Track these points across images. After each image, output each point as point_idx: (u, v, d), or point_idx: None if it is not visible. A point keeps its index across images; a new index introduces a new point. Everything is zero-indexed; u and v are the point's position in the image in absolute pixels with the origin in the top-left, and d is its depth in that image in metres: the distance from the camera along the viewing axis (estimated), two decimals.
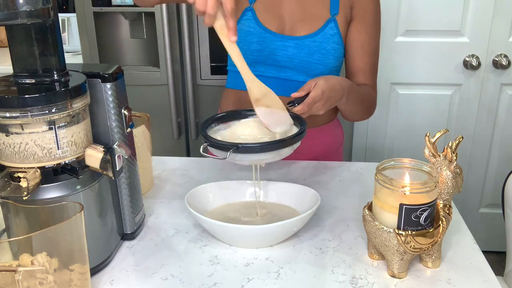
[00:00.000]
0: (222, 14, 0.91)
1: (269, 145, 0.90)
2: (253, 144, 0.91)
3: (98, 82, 0.82)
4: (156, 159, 1.27)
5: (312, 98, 1.01)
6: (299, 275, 0.83)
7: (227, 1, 0.89)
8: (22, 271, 0.65)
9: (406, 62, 2.14)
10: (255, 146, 0.90)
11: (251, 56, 1.22)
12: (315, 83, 1.03)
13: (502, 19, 2.03)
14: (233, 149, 0.87)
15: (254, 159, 0.92)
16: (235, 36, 0.92)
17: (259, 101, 0.97)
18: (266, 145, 0.90)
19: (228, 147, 0.88)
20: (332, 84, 1.05)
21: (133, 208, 0.92)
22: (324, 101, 1.04)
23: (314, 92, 1.02)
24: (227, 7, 0.90)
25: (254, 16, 1.21)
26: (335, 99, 1.08)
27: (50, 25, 0.76)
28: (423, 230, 0.79)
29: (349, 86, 1.12)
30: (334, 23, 1.22)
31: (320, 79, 1.04)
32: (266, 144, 0.90)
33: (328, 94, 1.04)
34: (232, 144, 0.88)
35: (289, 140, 0.91)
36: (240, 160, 0.93)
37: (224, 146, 0.89)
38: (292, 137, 0.92)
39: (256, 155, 0.90)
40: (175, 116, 2.14)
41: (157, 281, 0.82)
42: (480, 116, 2.19)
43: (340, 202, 1.07)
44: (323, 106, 1.05)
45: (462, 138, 0.84)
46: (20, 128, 0.72)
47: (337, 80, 1.08)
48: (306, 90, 1.03)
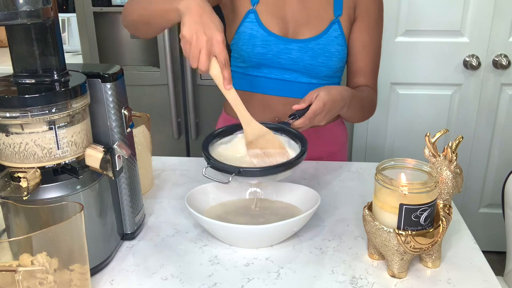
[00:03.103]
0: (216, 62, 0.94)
1: (270, 169, 0.91)
2: (254, 169, 0.92)
3: (98, 82, 0.82)
4: (156, 159, 1.27)
5: (313, 111, 1.01)
6: (299, 275, 0.83)
7: (220, 53, 0.93)
8: (22, 271, 0.65)
9: (406, 62, 2.14)
10: (257, 170, 0.92)
11: (255, 59, 1.22)
12: (317, 94, 1.03)
13: (502, 19, 2.03)
14: (236, 173, 0.89)
15: (255, 181, 0.95)
16: (230, 85, 0.96)
17: (252, 144, 0.99)
18: (268, 170, 0.91)
19: (229, 171, 0.89)
20: (333, 95, 1.05)
21: (133, 208, 0.92)
22: (325, 113, 1.04)
23: (315, 105, 1.02)
24: (220, 59, 0.93)
25: (257, 19, 1.20)
26: (336, 110, 1.08)
27: (50, 25, 0.76)
28: (423, 230, 0.79)
29: (350, 95, 1.12)
30: (338, 25, 1.21)
31: (321, 91, 1.04)
32: (267, 169, 0.92)
33: (330, 106, 1.04)
34: (234, 168, 0.90)
35: (290, 164, 0.93)
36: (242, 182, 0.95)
37: (226, 170, 0.90)
38: (293, 160, 0.93)
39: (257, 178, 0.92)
40: (175, 116, 2.14)
41: (157, 281, 0.82)
42: (480, 116, 2.19)
43: (340, 202, 1.07)
44: (324, 118, 1.05)
45: (462, 138, 0.84)
46: (20, 128, 0.72)
47: (338, 91, 1.08)
48: (307, 102, 1.03)
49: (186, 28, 0.92)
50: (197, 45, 0.91)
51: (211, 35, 0.91)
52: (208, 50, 0.91)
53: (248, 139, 0.99)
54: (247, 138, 0.99)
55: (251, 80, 1.26)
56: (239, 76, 1.29)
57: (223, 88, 0.96)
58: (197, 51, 0.91)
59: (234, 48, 1.25)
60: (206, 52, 0.91)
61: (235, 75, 1.31)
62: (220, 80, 0.95)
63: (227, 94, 0.97)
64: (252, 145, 0.99)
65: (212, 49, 0.92)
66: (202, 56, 0.91)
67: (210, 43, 0.91)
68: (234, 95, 0.97)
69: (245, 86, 1.27)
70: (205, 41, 0.91)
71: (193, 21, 0.91)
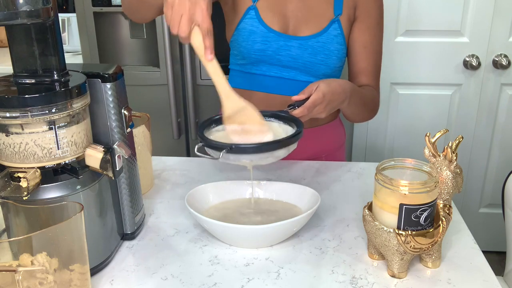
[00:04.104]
0: (199, 32, 0.91)
1: (263, 146, 0.89)
2: (247, 145, 0.90)
3: (98, 82, 0.82)
4: (156, 159, 1.27)
5: (312, 101, 1.01)
6: (299, 275, 0.83)
7: (203, 21, 0.89)
8: (22, 271, 0.65)
9: (406, 62, 2.14)
10: (249, 146, 0.89)
11: (254, 56, 1.22)
12: (316, 86, 1.03)
13: (502, 19, 2.03)
14: (227, 150, 0.87)
15: (248, 160, 0.91)
16: (212, 55, 0.92)
17: (230, 119, 0.97)
18: (260, 146, 0.89)
19: (221, 147, 0.88)
20: (333, 87, 1.05)
21: (133, 208, 0.92)
22: (325, 104, 1.03)
23: (315, 95, 1.01)
24: (203, 27, 0.90)
25: (257, 15, 1.20)
26: (337, 103, 1.07)
27: (50, 25, 0.76)
28: (423, 230, 0.79)
29: (351, 89, 1.11)
30: (338, 24, 1.21)
31: (321, 83, 1.04)
32: (260, 145, 0.89)
33: (330, 97, 1.03)
34: (226, 144, 0.88)
35: (284, 141, 0.90)
36: (234, 161, 0.92)
37: (218, 146, 0.88)
38: (288, 138, 0.91)
39: (250, 156, 0.90)
40: (175, 116, 2.14)
41: (157, 281, 0.82)
42: (480, 116, 2.19)
43: (340, 202, 1.07)
44: (324, 109, 1.04)
45: (462, 138, 0.84)
46: (20, 128, 0.72)
47: (339, 84, 1.08)
48: (307, 93, 1.02)
49: None
50: (179, 10, 0.88)
51: (195, 1, 0.88)
52: (189, 16, 0.88)
53: (227, 114, 0.96)
54: (226, 112, 0.96)
55: (250, 78, 1.26)
56: (238, 74, 1.29)
57: (204, 58, 0.92)
58: (179, 16, 0.88)
59: (234, 45, 1.25)
60: (187, 18, 0.88)
61: (234, 73, 1.31)
62: (201, 50, 0.92)
63: (208, 65, 0.93)
64: (230, 120, 0.96)
65: (194, 16, 0.89)
66: (183, 21, 0.88)
67: (193, 10, 0.88)
68: (216, 66, 0.93)
69: (243, 84, 1.27)
70: (188, 7, 0.88)
71: None
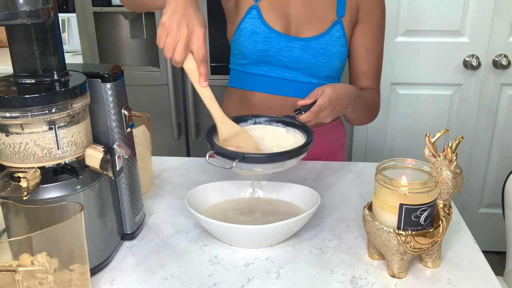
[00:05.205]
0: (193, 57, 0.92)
1: (275, 156, 0.89)
2: (259, 155, 0.90)
3: (98, 82, 0.82)
4: (156, 159, 1.27)
5: (319, 106, 1.01)
6: (299, 275, 0.83)
7: (199, 48, 0.91)
8: (22, 271, 0.65)
9: (406, 62, 2.14)
10: (261, 156, 0.89)
11: (255, 56, 1.22)
12: (322, 90, 1.03)
13: (502, 19, 2.03)
14: (239, 159, 0.87)
15: (261, 169, 0.91)
16: (206, 82, 0.94)
17: (227, 142, 0.97)
18: (272, 156, 0.89)
19: (234, 157, 0.87)
20: (339, 92, 1.05)
21: (133, 208, 0.92)
22: (331, 109, 1.03)
23: (321, 100, 1.01)
24: (198, 54, 0.91)
25: (259, 15, 1.20)
26: (342, 107, 1.07)
27: (50, 25, 0.76)
28: (423, 230, 0.79)
29: (355, 93, 1.12)
30: (340, 25, 1.21)
31: (327, 87, 1.04)
32: (272, 155, 0.90)
33: (335, 102, 1.03)
34: (238, 153, 0.88)
35: (296, 151, 0.91)
36: (245, 170, 0.92)
37: (230, 155, 0.88)
38: (299, 148, 0.91)
39: (263, 165, 0.90)
40: (175, 116, 2.14)
41: (157, 281, 0.82)
42: (480, 116, 2.19)
43: (340, 202, 1.07)
44: (330, 114, 1.04)
45: (462, 138, 0.84)
46: (20, 128, 0.72)
47: (343, 88, 1.08)
48: (313, 98, 1.02)
49: (167, 17, 0.90)
50: (176, 36, 0.89)
51: (192, 28, 0.90)
52: (186, 43, 0.90)
53: (223, 136, 0.97)
54: (222, 135, 0.97)
55: (250, 78, 1.26)
56: (238, 74, 1.29)
57: (198, 85, 0.94)
58: (175, 42, 0.90)
59: (235, 44, 1.25)
60: (184, 44, 0.89)
61: (235, 73, 1.31)
62: (195, 76, 0.93)
63: (202, 91, 0.95)
64: (227, 143, 0.97)
65: (190, 42, 0.91)
66: (179, 48, 0.90)
67: (190, 36, 0.90)
68: (209, 92, 0.95)
69: (244, 84, 1.27)
70: (185, 33, 0.89)
71: (177, 12, 0.90)
